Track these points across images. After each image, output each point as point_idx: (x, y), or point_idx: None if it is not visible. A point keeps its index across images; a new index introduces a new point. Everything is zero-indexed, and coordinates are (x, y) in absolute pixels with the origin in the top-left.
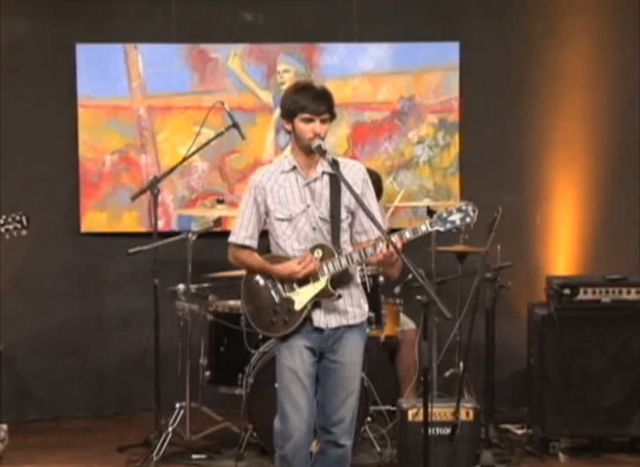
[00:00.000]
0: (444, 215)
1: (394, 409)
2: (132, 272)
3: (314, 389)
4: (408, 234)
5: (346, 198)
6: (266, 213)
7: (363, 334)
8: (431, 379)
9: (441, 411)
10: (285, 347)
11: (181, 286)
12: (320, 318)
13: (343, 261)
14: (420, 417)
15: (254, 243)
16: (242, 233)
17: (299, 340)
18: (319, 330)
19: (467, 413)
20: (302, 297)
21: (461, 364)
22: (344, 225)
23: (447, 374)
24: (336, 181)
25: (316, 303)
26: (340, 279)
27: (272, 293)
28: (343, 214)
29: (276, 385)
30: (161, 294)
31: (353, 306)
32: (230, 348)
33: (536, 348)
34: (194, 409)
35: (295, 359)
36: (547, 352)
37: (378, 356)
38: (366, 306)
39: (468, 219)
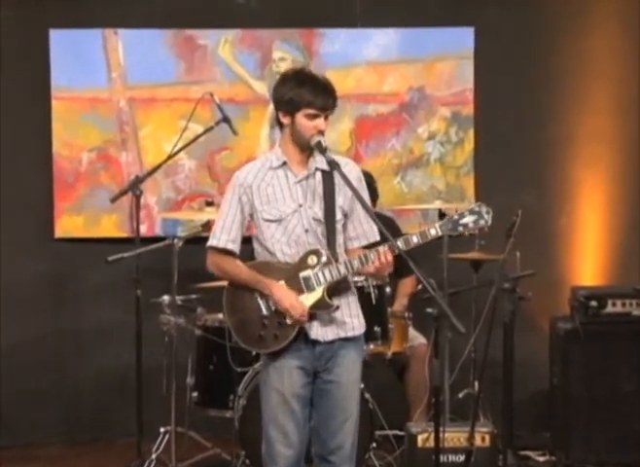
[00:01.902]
0: (456, 218)
1: (402, 433)
2: (112, 282)
3: (306, 413)
4: (415, 239)
5: (341, 199)
6: (251, 215)
7: (360, 349)
8: (443, 401)
9: (454, 435)
10: (273, 368)
11: (166, 297)
12: (316, 331)
13: (342, 269)
14: (431, 443)
15: (237, 248)
16: (224, 236)
17: (289, 359)
18: (312, 344)
19: (483, 439)
20: None
21: (476, 384)
22: (339, 227)
23: (461, 394)
24: (329, 179)
25: (311, 315)
26: (338, 288)
27: (260, 304)
28: (338, 215)
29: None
30: (144, 306)
31: (351, 317)
32: (219, 367)
33: (559, 366)
34: (180, 433)
35: (283, 381)
36: (571, 371)
37: (385, 375)
38: (362, 317)
39: (482, 222)
